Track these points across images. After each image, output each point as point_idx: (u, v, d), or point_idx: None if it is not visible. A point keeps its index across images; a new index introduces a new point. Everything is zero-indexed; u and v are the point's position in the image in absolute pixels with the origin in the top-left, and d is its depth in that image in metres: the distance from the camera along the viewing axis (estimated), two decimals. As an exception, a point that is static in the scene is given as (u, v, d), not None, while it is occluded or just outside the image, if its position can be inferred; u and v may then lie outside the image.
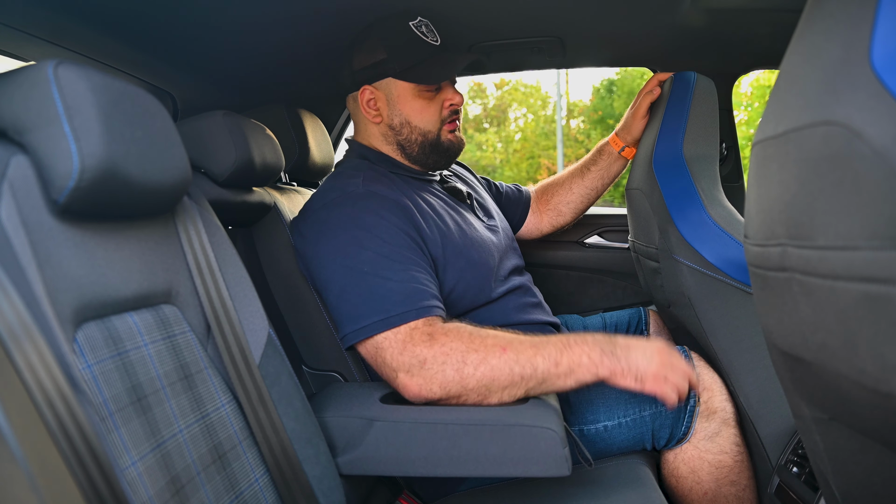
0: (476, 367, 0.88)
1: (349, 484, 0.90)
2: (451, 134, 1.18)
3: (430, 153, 1.17)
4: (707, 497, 1.05)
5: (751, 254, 0.52)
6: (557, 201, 1.53)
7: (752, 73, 1.61)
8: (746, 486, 1.06)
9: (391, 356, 0.91)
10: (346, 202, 1.03)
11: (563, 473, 0.83)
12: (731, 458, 1.04)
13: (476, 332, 0.92)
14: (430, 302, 0.96)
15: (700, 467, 1.05)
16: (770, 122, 0.46)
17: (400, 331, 0.92)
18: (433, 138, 1.16)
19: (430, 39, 1.12)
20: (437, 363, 0.89)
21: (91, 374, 0.60)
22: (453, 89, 1.17)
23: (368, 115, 1.16)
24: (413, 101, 1.14)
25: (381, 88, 1.14)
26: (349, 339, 0.96)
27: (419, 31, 1.11)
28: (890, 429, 0.40)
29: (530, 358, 0.88)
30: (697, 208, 1.12)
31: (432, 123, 1.15)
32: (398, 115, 1.15)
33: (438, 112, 1.16)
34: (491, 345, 0.90)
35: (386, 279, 0.95)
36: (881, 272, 0.33)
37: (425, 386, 0.89)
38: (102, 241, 0.67)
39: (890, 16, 0.33)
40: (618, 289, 1.77)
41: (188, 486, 0.66)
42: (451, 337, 0.91)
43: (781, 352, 0.51)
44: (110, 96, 0.64)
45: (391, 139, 1.17)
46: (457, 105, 1.17)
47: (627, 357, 0.90)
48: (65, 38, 1.07)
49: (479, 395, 0.89)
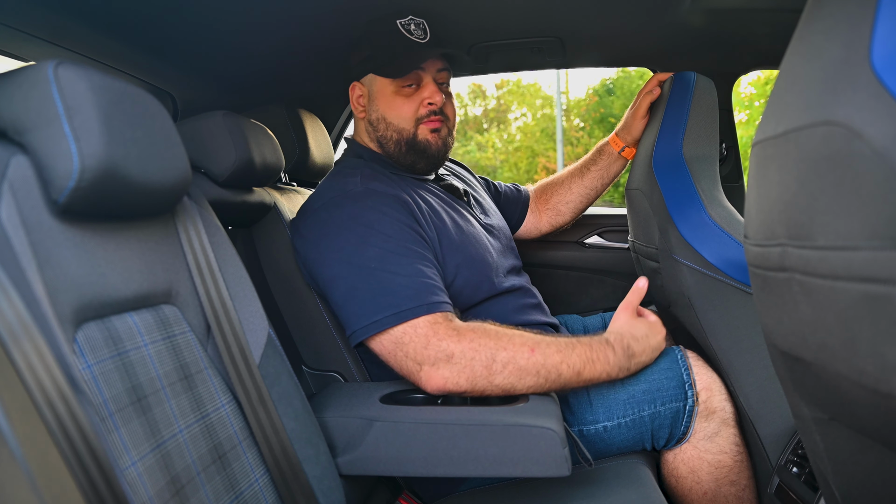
0: (504, 365, 0.91)
1: (349, 484, 0.90)
2: (431, 134, 1.15)
3: (406, 152, 1.15)
4: (707, 497, 1.05)
5: (751, 254, 0.52)
6: (557, 201, 1.53)
7: (752, 73, 1.61)
8: (746, 486, 1.06)
9: (414, 349, 0.92)
10: (346, 201, 1.03)
11: (563, 474, 0.83)
12: (731, 458, 1.04)
13: (503, 331, 0.95)
14: (439, 297, 0.97)
15: (699, 467, 1.05)
16: (770, 122, 0.46)
17: (419, 324, 0.93)
18: (409, 137, 1.14)
19: (416, 37, 1.10)
20: (466, 358, 0.91)
21: (91, 374, 0.60)
22: (434, 87, 1.14)
23: (356, 110, 1.20)
24: (391, 97, 1.14)
25: (366, 84, 1.17)
26: (361, 335, 0.96)
27: (404, 28, 1.10)
28: (890, 429, 0.40)
29: (556, 365, 0.92)
30: (697, 208, 1.12)
31: (406, 121, 1.14)
32: (375, 111, 1.16)
33: (415, 110, 1.14)
34: (519, 344, 0.93)
35: (394, 274, 0.95)
36: (881, 272, 0.33)
37: (451, 379, 0.91)
38: (102, 241, 0.67)
39: (890, 16, 0.33)
40: (618, 289, 1.77)
41: (188, 486, 0.66)
42: (478, 334, 0.93)
43: (781, 352, 0.51)
44: (110, 96, 0.64)
45: (372, 135, 1.19)
46: (436, 104, 1.14)
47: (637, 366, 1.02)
48: (65, 38, 1.07)
49: (503, 390, 0.93)
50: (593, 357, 0.95)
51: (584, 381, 0.94)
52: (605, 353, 0.96)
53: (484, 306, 1.12)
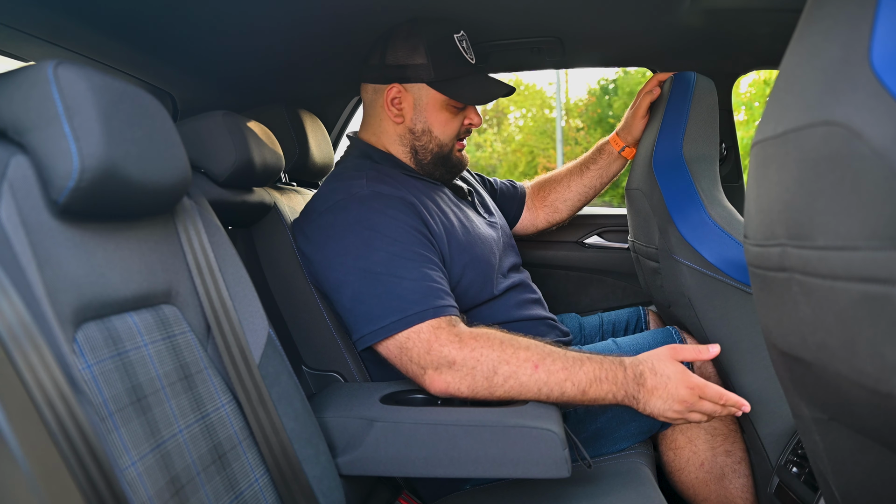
0: (506, 379, 0.90)
1: (349, 484, 0.90)
2: (459, 152, 1.21)
3: (438, 165, 1.19)
4: (704, 468, 1.07)
5: (750, 254, 0.52)
6: (554, 198, 1.53)
7: (752, 72, 1.61)
8: (742, 458, 1.09)
9: (418, 354, 0.92)
10: (353, 204, 1.03)
11: (563, 475, 0.83)
12: (725, 425, 1.08)
13: (508, 342, 0.92)
14: (446, 301, 0.96)
15: (697, 435, 1.08)
16: (770, 123, 0.46)
17: (422, 329, 0.92)
18: (446, 152, 1.18)
19: (468, 56, 1.14)
20: (467, 367, 0.90)
21: (91, 374, 0.60)
22: (476, 111, 1.20)
23: (389, 112, 1.15)
24: (440, 112, 1.15)
25: (410, 91, 1.13)
26: (368, 340, 0.96)
27: (461, 45, 1.13)
28: (890, 429, 0.40)
29: (560, 383, 0.89)
30: (697, 208, 1.12)
31: (450, 137, 1.17)
32: (422, 122, 1.15)
33: (458, 128, 1.18)
34: (524, 359, 0.90)
35: (401, 278, 0.95)
36: (881, 272, 0.33)
37: (453, 384, 0.91)
38: (102, 241, 0.67)
39: (890, 16, 0.33)
40: (617, 289, 1.77)
41: (188, 486, 0.66)
42: (481, 342, 0.91)
43: (781, 352, 0.51)
44: (110, 96, 0.64)
45: (407, 142, 1.17)
46: (475, 126, 1.20)
47: (647, 402, 0.90)
48: (65, 38, 1.07)
49: (503, 400, 0.92)
50: (601, 376, 0.91)
51: (589, 399, 0.90)
52: (614, 373, 0.92)
53: (487, 305, 1.12)
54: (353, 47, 1.23)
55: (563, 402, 0.91)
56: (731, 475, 1.07)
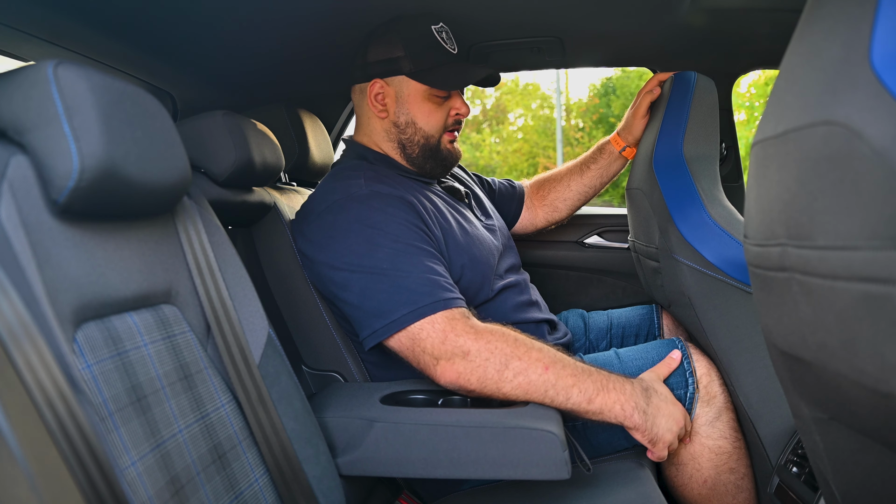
0: (516, 374, 0.90)
1: (349, 484, 0.90)
2: (451, 144, 1.20)
3: (428, 158, 1.18)
4: (707, 485, 1.05)
5: (750, 254, 0.52)
6: (554, 197, 1.53)
7: (752, 72, 1.61)
8: (745, 474, 1.07)
9: (432, 345, 0.92)
10: (352, 203, 1.03)
11: (563, 476, 0.83)
12: (730, 443, 1.06)
13: (521, 340, 0.94)
14: (454, 293, 0.97)
15: (700, 453, 1.06)
16: (770, 122, 0.46)
17: (437, 319, 0.93)
18: (434, 143, 1.17)
19: (448, 47, 1.14)
20: (481, 358, 0.91)
21: (91, 374, 0.60)
22: (462, 99, 1.19)
23: (374, 108, 1.16)
24: (422, 103, 1.14)
25: (392, 84, 1.14)
26: (381, 335, 0.96)
27: (440, 36, 1.12)
28: (890, 429, 0.40)
29: (567, 388, 0.91)
30: (697, 208, 1.12)
31: (436, 129, 1.17)
32: (405, 114, 1.15)
33: (444, 118, 1.17)
34: (535, 359, 0.91)
35: (408, 273, 0.96)
36: (881, 272, 0.33)
37: (464, 375, 0.91)
38: (102, 241, 0.67)
39: (890, 16, 0.33)
40: (617, 289, 1.77)
41: (188, 486, 0.66)
42: (496, 336, 0.92)
43: (781, 351, 0.51)
44: (110, 96, 0.64)
45: (394, 136, 1.17)
46: (462, 115, 1.19)
47: (654, 420, 0.94)
48: (65, 38, 1.07)
49: (507, 399, 0.92)
50: (609, 385, 0.92)
51: (595, 408, 0.91)
52: (621, 384, 0.94)
53: (485, 306, 1.12)
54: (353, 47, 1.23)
55: (566, 410, 0.91)
56: (734, 491, 1.06)
